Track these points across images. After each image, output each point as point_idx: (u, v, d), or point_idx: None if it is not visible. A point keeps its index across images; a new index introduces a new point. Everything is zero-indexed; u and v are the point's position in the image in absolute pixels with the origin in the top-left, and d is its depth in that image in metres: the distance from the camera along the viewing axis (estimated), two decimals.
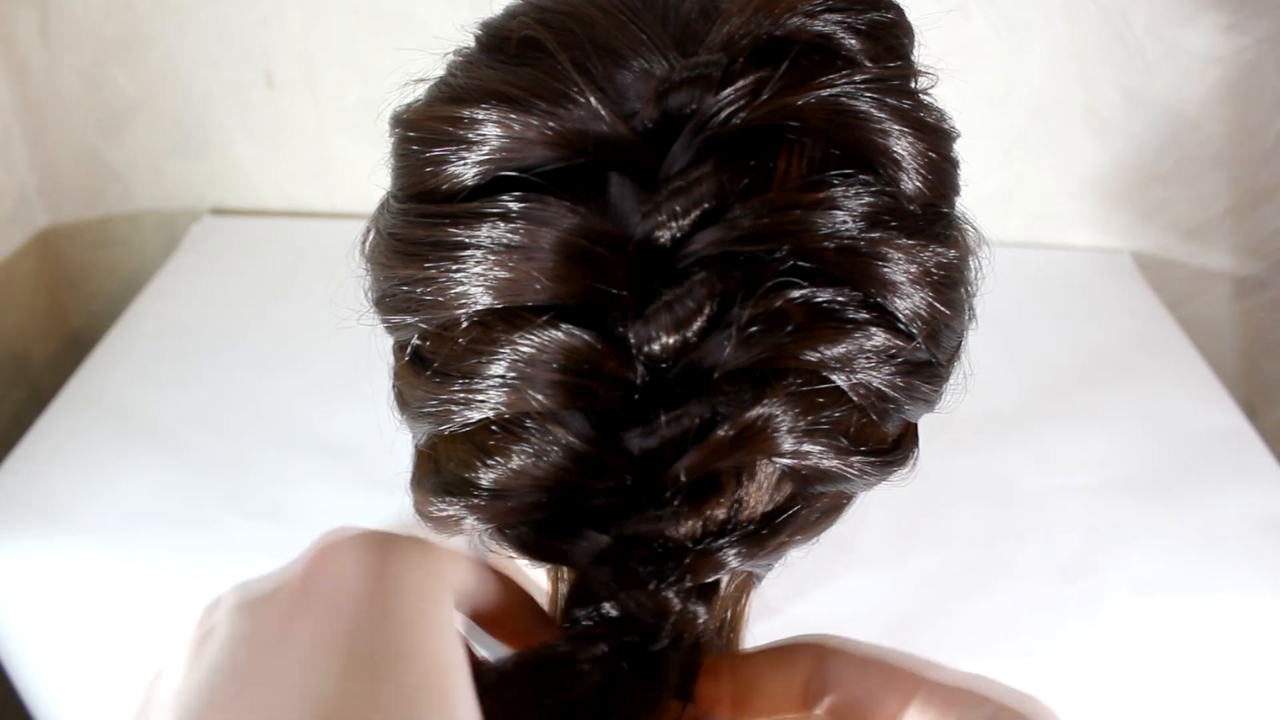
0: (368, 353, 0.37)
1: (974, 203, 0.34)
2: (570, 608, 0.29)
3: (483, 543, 0.30)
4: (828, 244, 0.28)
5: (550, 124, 0.28)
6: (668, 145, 0.28)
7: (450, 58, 0.33)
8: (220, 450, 0.79)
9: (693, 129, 0.28)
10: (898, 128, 0.29)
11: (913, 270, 0.29)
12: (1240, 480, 0.80)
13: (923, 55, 0.32)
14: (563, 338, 0.27)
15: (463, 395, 0.29)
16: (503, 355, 0.28)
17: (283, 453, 0.79)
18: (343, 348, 0.58)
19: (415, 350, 0.31)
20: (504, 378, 0.28)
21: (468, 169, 0.29)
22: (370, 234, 0.33)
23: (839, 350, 0.28)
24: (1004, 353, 0.92)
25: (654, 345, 0.27)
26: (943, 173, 0.30)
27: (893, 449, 0.32)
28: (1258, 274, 1.13)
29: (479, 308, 0.28)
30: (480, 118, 0.28)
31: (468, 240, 0.28)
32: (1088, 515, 0.77)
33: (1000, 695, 0.26)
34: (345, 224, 0.99)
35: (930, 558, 0.73)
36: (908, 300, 0.29)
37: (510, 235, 0.28)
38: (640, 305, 0.28)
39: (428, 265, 0.29)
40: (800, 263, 0.28)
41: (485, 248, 0.28)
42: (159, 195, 1.12)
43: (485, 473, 0.29)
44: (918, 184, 0.29)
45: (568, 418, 0.28)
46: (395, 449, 0.36)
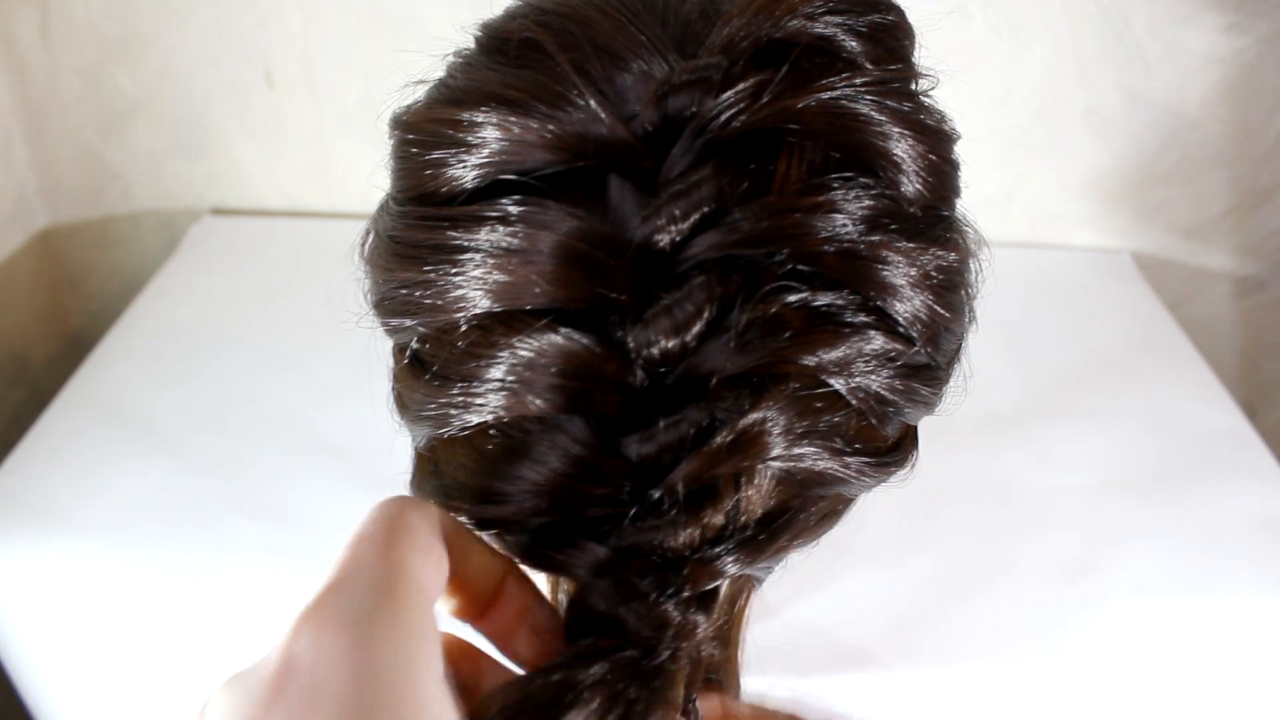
0: (367, 353, 0.37)
1: (974, 203, 0.34)
2: (570, 619, 0.29)
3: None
4: (827, 247, 0.27)
5: (550, 127, 0.28)
6: (667, 148, 0.28)
7: (450, 59, 0.33)
8: (220, 450, 0.79)
9: (693, 132, 0.28)
10: (898, 130, 0.29)
11: (912, 273, 0.29)
12: (1240, 480, 0.80)
13: (923, 56, 0.32)
14: (561, 341, 0.27)
15: (461, 399, 0.29)
16: (501, 359, 0.28)
17: (283, 453, 0.79)
18: (343, 348, 0.58)
19: (414, 353, 0.31)
20: (503, 381, 0.28)
21: (467, 171, 0.29)
22: (369, 236, 0.33)
23: (837, 354, 0.28)
24: (1004, 353, 0.92)
25: (653, 349, 0.27)
26: (943, 175, 0.30)
27: (892, 451, 0.32)
28: (1258, 274, 1.13)
29: (478, 311, 0.28)
30: (480, 120, 0.28)
31: (467, 243, 0.28)
32: (1088, 515, 0.76)
33: None
34: (345, 224, 0.98)
35: (930, 558, 0.73)
36: (907, 303, 0.29)
37: (509, 238, 0.28)
38: (639, 309, 0.27)
39: (427, 268, 0.29)
40: (800, 266, 0.28)
41: (484, 251, 0.28)
42: (159, 195, 1.12)
43: (483, 477, 0.29)
44: (918, 187, 0.29)
45: (566, 422, 0.28)
46: (395, 449, 0.36)
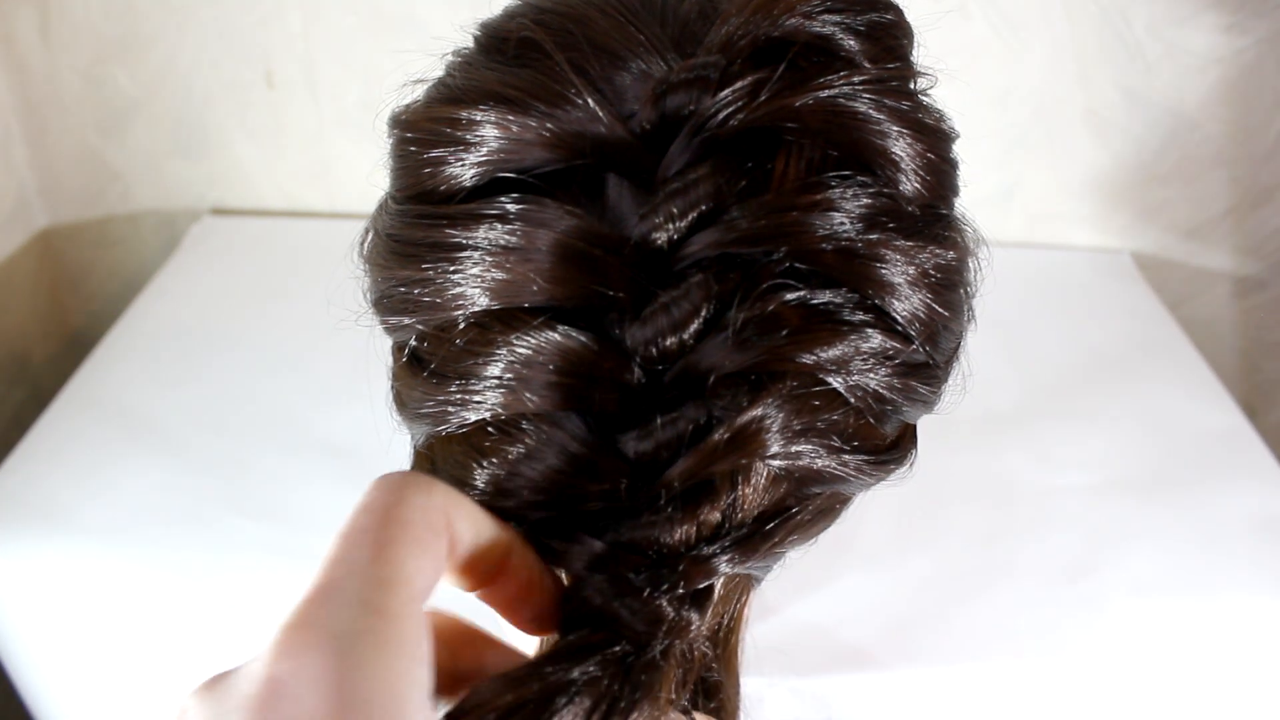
0: (367, 353, 0.37)
1: (974, 203, 0.34)
2: (565, 612, 0.29)
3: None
4: (825, 246, 0.27)
5: (548, 125, 0.28)
6: (666, 147, 0.28)
7: (449, 58, 0.33)
8: (220, 450, 0.79)
9: (690, 130, 0.28)
10: (896, 129, 0.29)
11: (911, 272, 0.29)
12: (1240, 480, 0.80)
13: (922, 56, 0.32)
14: (559, 339, 0.27)
15: (459, 396, 0.29)
16: (499, 356, 0.28)
17: (283, 453, 0.79)
18: (342, 348, 0.58)
19: (413, 351, 0.31)
20: (500, 379, 0.28)
21: (466, 170, 0.29)
22: (369, 235, 0.33)
23: (835, 352, 0.28)
24: (1004, 353, 0.92)
25: (651, 347, 0.27)
26: (941, 174, 0.30)
27: (890, 449, 0.32)
28: (1258, 274, 1.13)
29: (476, 309, 0.28)
30: (478, 119, 0.28)
31: (465, 241, 0.28)
32: (1088, 515, 0.76)
33: None
34: (345, 224, 0.99)
35: (930, 558, 0.73)
36: (905, 302, 0.29)
37: (508, 237, 0.28)
38: (637, 307, 0.28)
39: (425, 266, 0.29)
40: (798, 264, 0.28)
41: (483, 249, 0.28)
42: (159, 195, 1.12)
43: (481, 474, 0.29)
44: (916, 185, 0.29)
45: (564, 419, 0.28)
46: (394, 449, 0.36)
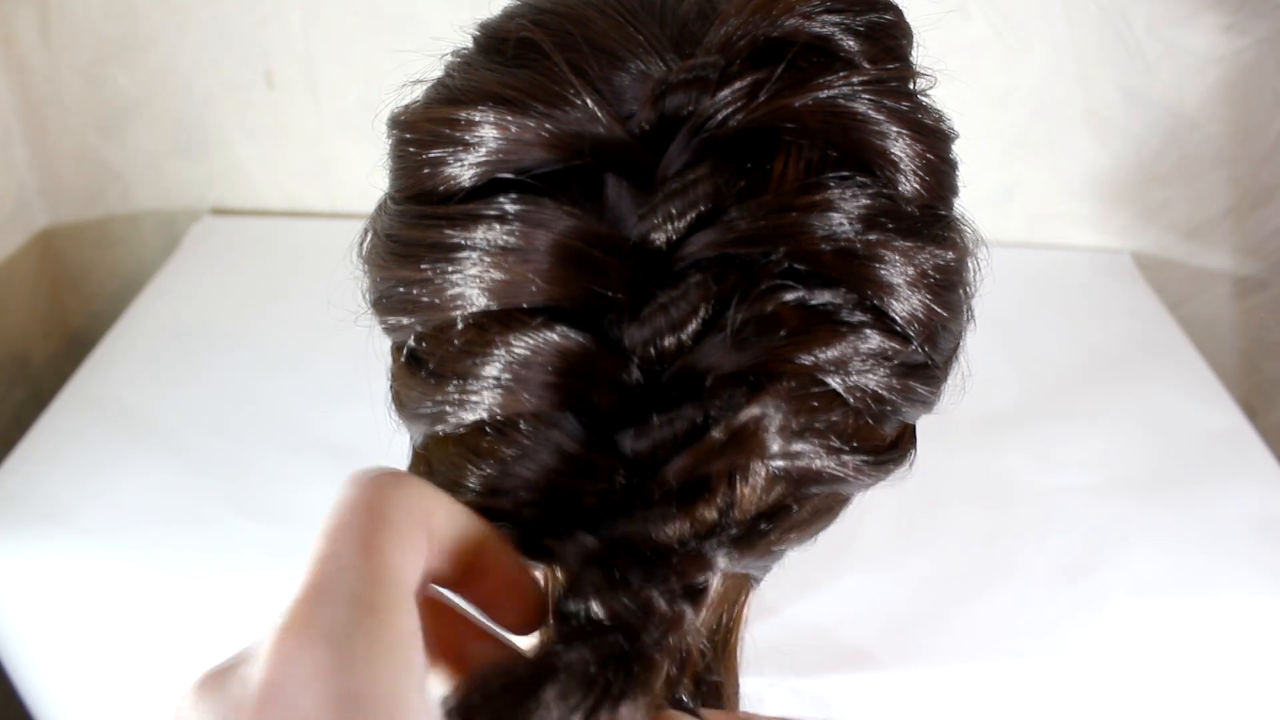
0: (367, 353, 0.37)
1: (974, 203, 0.34)
2: (560, 603, 0.29)
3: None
4: (824, 246, 0.27)
5: (547, 126, 0.28)
6: (664, 147, 0.28)
7: (448, 59, 0.33)
8: (220, 450, 0.79)
9: (689, 130, 0.28)
10: (895, 129, 0.29)
11: (910, 272, 0.29)
12: (1240, 480, 0.80)
13: (922, 56, 0.32)
14: (557, 339, 0.27)
15: (457, 396, 0.29)
16: (497, 357, 0.28)
17: (283, 453, 0.79)
18: (342, 348, 0.58)
19: (411, 352, 0.31)
20: (498, 379, 0.28)
21: (464, 170, 0.29)
22: (368, 235, 0.33)
23: (834, 353, 0.28)
24: (1003, 353, 0.92)
25: (649, 347, 0.27)
26: (940, 174, 0.30)
27: (890, 450, 0.32)
28: (1258, 274, 1.13)
29: (475, 309, 0.28)
30: (477, 119, 0.28)
31: (464, 242, 0.28)
32: (1088, 515, 0.76)
33: None
34: (345, 224, 0.98)
35: (930, 558, 0.72)
36: (904, 302, 0.29)
37: (506, 237, 0.28)
38: (635, 307, 0.28)
39: (424, 267, 0.29)
40: (797, 265, 0.28)
41: (481, 249, 0.28)
42: (159, 195, 1.12)
43: (476, 475, 0.29)
44: (915, 186, 0.29)
45: (561, 419, 0.28)
46: (394, 449, 0.36)
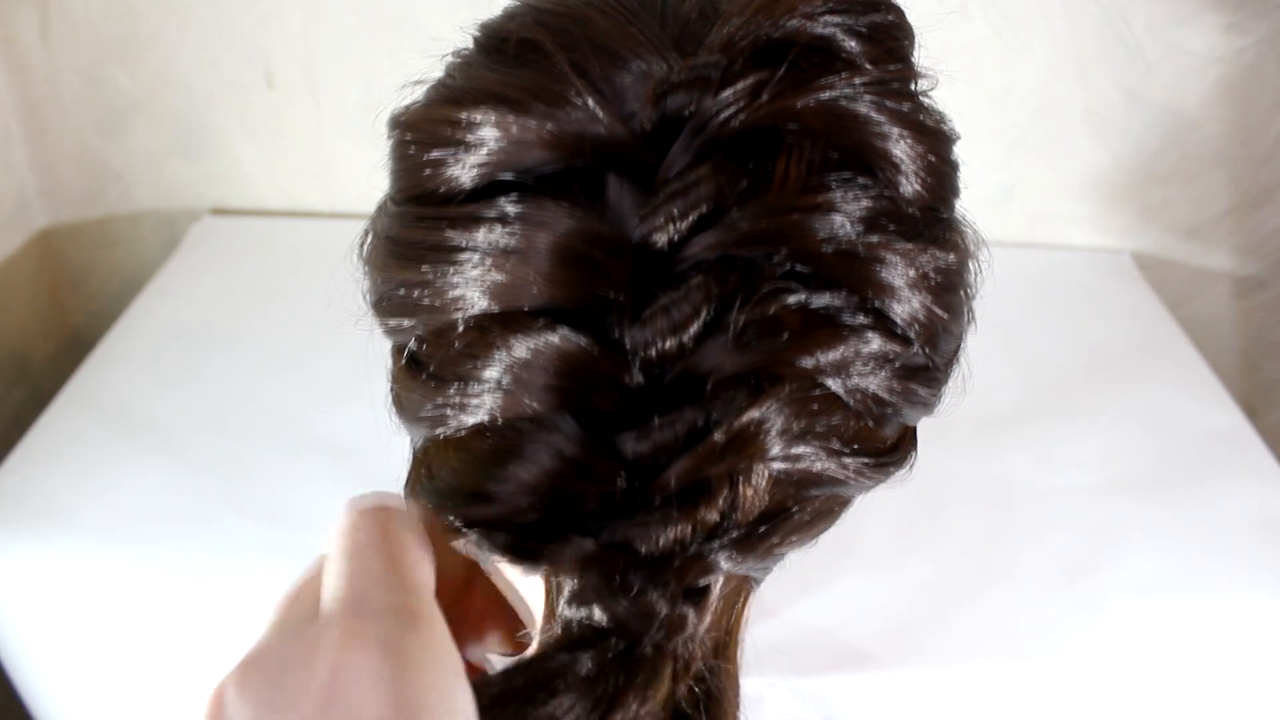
0: (367, 354, 0.36)
1: (974, 203, 0.34)
2: (563, 611, 0.29)
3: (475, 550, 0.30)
4: (826, 248, 0.27)
5: (548, 126, 0.28)
6: (666, 147, 0.28)
7: (449, 59, 0.33)
8: (220, 450, 0.79)
9: (691, 131, 0.28)
10: (897, 130, 0.29)
11: (911, 274, 0.29)
12: (1240, 480, 0.80)
13: (923, 56, 0.32)
14: (558, 341, 0.27)
15: (458, 399, 0.29)
16: (498, 359, 0.28)
17: (283, 453, 0.79)
18: (342, 348, 0.58)
19: (412, 354, 0.31)
20: (499, 381, 0.28)
21: (465, 171, 0.29)
22: (368, 236, 0.33)
23: (835, 355, 0.28)
24: (1004, 353, 0.92)
25: (650, 349, 0.27)
26: (942, 176, 0.30)
27: (890, 452, 0.32)
28: (1258, 274, 1.13)
29: (475, 311, 0.28)
30: (478, 120, 0.28)
31: (465, 243, 0.28)
32: (1088, 515, 0.76)
33: None
34: (345, 224, 0.98)
35: (930, 558, 0.72)
36: (905, 304, 0.29)
37: (507, 238, 0.28)
38: (637, 309, 0.27)
39: (425, 268, 0.29)
40: (798, 266, 0.28)
41: (482, 251, 0.28)
42: (159, 195, 1.12)
43: (475, 478, 0.29)
44: (917, 187, 0.29)
45: (561, 421, 0.28)
46: (394, 449, 0.36)
